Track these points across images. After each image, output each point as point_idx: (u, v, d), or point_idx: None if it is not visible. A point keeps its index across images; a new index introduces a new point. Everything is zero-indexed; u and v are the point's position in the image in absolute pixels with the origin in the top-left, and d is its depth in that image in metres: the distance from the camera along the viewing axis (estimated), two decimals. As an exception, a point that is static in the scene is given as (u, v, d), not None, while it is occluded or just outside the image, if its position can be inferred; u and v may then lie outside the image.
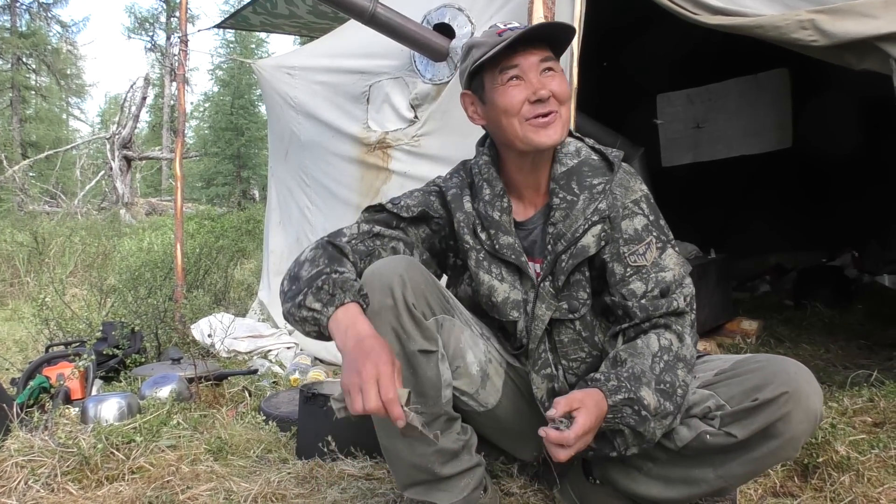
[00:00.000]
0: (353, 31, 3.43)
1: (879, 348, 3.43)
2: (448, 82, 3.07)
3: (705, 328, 3.58)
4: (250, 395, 2.72)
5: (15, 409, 2.25)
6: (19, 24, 20.82)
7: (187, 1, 4.05)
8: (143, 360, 3.13)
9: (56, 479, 1.82)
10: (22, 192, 13.76)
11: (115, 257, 6.46)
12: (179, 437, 2.15)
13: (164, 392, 2.49)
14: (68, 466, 1.86)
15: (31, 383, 2.55)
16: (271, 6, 4.02)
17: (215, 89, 24.73)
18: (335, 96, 3.53)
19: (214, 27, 5.20)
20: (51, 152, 16.64)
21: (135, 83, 14.66)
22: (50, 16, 21.59)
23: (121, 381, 2.91)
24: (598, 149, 1.57)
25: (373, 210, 1.58)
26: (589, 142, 1.59)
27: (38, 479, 1.82)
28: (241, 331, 3.51)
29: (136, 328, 3.23)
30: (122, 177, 13.85)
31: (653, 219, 1.52)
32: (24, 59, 20.80)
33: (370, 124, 3.39)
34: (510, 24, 1.48)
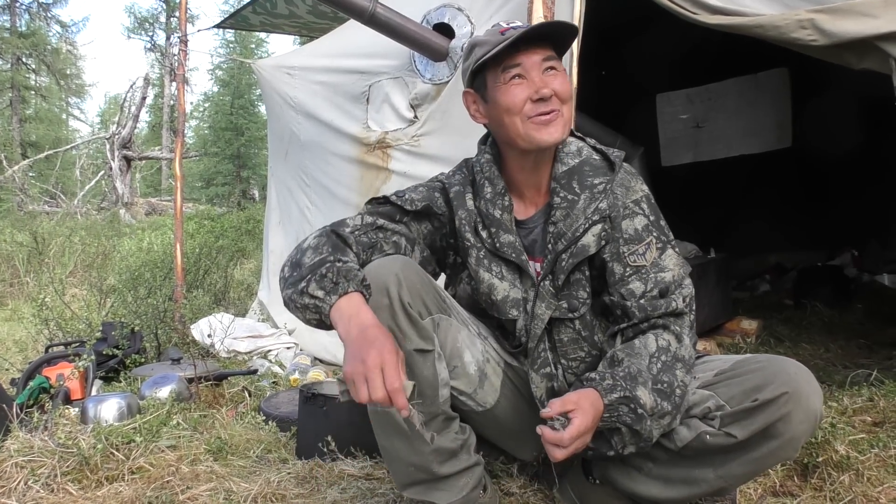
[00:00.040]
0: (352, 31, 3.43)
1: (879, 347, 3.43)
2: (448, 82, 3.07)
3: (705, 328, 3.58)
4: (250, 396, 2.72)
5: (15, 410, 2.25)
6: (19, 23, 20.81)
7: (187, 1, 4.05)
8: (142, 360, 3.13)
9: (56, 480, 1.82)
10: (22, 192, 13.77)
11: (114, 257, 6.46)
12: (179, 437, 2.15)
13: (164, 392, 2.49)
14: (68, 467, 1.86)
15: (31, 384, 2.55)
16: (271, 6, 4.02)
17: (215, 89, 24.74)
18: (335, 96, 3.53)
19: (214, 27, 5.20)
20: (50, 152, 16.64)
21: (134, 83, 14.68)
22: (49, 16, 21.59)
23: (120, 382, 2.92)
24: (600, 149, 1.57)
25: (376, 202, 1.57)
26: (590, 142, 1.59)
27: (37, 479, 1.82)
28: (240, 331, 3.51)
29: (136, 328, 3.23)
30: (122, 177, 13.86)
31: (653, 219, 1.52)
32: (24, 59, 20.79)
33: (370, 124, 3.39)
34: (513, 23, 1.48)
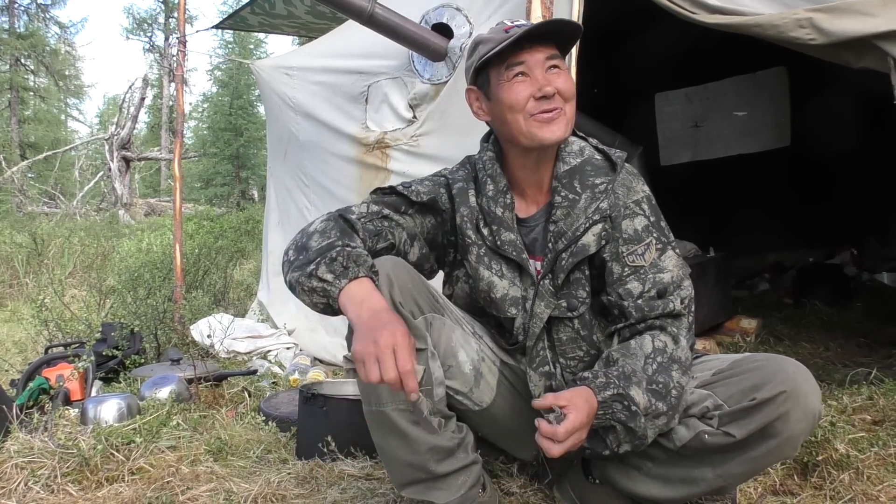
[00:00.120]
0: (351, 31, 3.43)
1: (879, 346, 3.43)
2: (447, 82, 3.07)
3: (704, 327, 3.58)
4: (250, 396, 2.72)
5: (14, 411, 2.25)
6: (17, 25, 20.79)
7: (185, 2, 4.05)
8: (142, 360, 3.13)
9: (56, 481, 1.82)
10: (21, 193, 13.76)
11: (114, 258, 6.45)
12: (179, 437, 2.15)
13: (164, 393, 2.49)
14: (68, 468, 1.86)
15: (31, 384, 2.55)
16: (269, 7, 4.02)
17: (214, 90, 24.74)
18: (334, 96, 3.53)
19: (213, 28, 5.22)
20: (49, 153, 16.64)
21: (133, 84, 14.70)
22: (48, 17, 21.57)
23: (120, 382, 2.91)
24: (602, 149, 1.57)
25: (382, 192, 1.57)
26: (592, 141, 1.59)
27: (37, 480, 1.82)
28: (240, 331, 3.51)
29: (136, 329, 3.23)
30: (121, 177, 13.86)
31: (654, 220, 1.51)
32: (23, 60, 20.78)
33: (369, 124, 3.39)
34: (517, 22, 1.49)
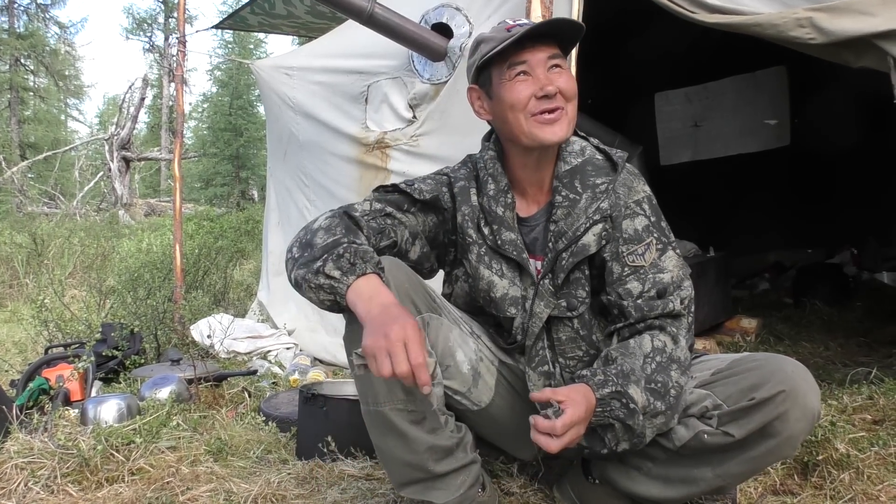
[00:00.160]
0: (351, 31, 3.43)
1: (879, 346, 3.44)
2: (446, 82, 3.07)
3: (704, 326, 3.58)
4: (250, 396, 2.72)
5: (14, 411, 2.25)
6: (17, 25, 20.79)
7: (185, 1, 4.05)
8: (142, 361, 3.13)
9: (56, 481, 1.82)
10: (21, 193, 13.76)
11: (114, 258, 6.45)
12: (179, 438, 2.15)
13: (164, 393, 2.49)
14: (68, 468, 1.86)
15: (31, 385, 2.55)
16: (269, 6, 4.03)
17: (214, 90, 24.73)
18: (333, 96, 3.53)
19: (212, 28, 5.22)
20: (49, 153, 16.64)
21: (133, 84, 14.71)
22: (48, 17, 21.56)
23: (120, 383, 2.92)
24: (603, 149, 1.57)
25: (384, 190, 1.57)
26: (594, 141, 1.59)
27: (37, 480, 1.82)
28: (240, 331, 3.51)
29: (136, 329, 3.23)
30: (121, 178, 13.86)
31: (654, 220, 1.51)
32: (23, 61, 20.78)
33: (368, 124, 3.39)
34: (519, 21, 1.49)
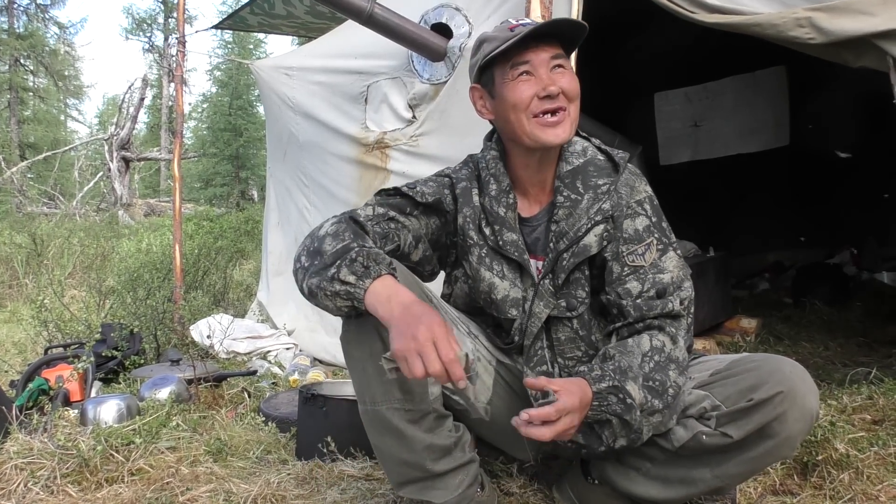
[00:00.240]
0: (350, 31, 3.43)
1: (878, 346, 3.44)
2: (446, 82, 3.07)
3: (704, 326, 3.58)
4: (249, 396, 2.72)
5: (14, 412, 2.25)
6: (17, 25, 20.78)
7: (185, 2, 4.05)
8: (142, 361, 3.13)
9: (55, 482, 1.82)
10: (20, 193, 13.76)
11: (113, 259, 6.45)
12: (179, 438, 2.15)
13: (164, 393, 2.49)
14: (68, 468, 1.86)
15: (31, 385, 2.55)
16: (269, 7, 4.03)
17: (213, 90, 24.70)
18: (333, 97, 3.53)
19: (212, 28, 5.22)
20: (49, 154, 16.62)
21: (133, 84, 14.70)
22: (47, 17, 21.55)
23: (120, 383, 2.92)
24: (605, 149, 1.57)
25: (386, 193, 1.56)
26: (595, 142, 1.59)
27: (37, 481, 1.82)
28: (240, 332, 3.51)
29: (135, 329, 3.23)
30: (121, 178, 13.86)
31: (655, 220, 1.51)
32: (22, 61, 20.77)
33: (368, 124, 3.39)
34: (522, 20, 1.49)
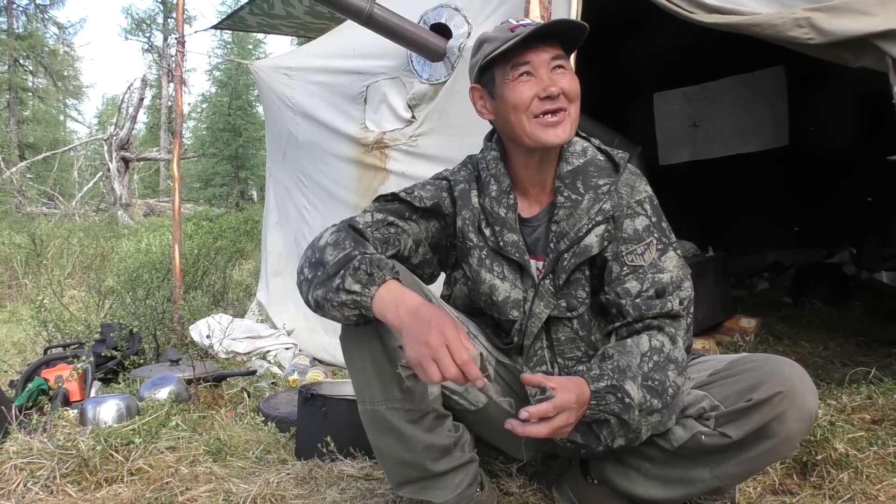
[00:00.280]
0: (350, 31, 3.43)
1: (878, 345, 3.44)
2: (445, 82, 3.07)
3: (704, 326, 3.58)
4: (249, 396, 2.72)
5: (14, 412, 2.25)
6: (16, 25, 20.78)
7: (184, 2, 4.05)
8: (141, 361, 3.13)
9: (55, 481, 1.82)
10: (20, 193, 13.76)
11: (113, 259, 6.46)
12: (178, 438, 2.15)
13: (163, 393, 2.49)
14: (67, 468, 1.86)
15: (30, 385, 2.55)
16: (268, 7, 4.02)
17: (213, 90, 24.73)
18: (332, 97, 3.53)
19: (211, 28, 5.22)
20: (48, 154, 16.63)
21: (132, 84, 14.69)
22: (47, 17, 21.56)
23: (119, 383, 2.92)
24: (605, 149, 1.58)
25: (384, 199, 1.56)
26: (595, 142, 1.59)
27: (37, 481, 1.82)
28: (239, 332, 3.51)
29: (135, 329, 3.23)
30: (120, 178, 13.86)
31: (655, 220, 1.52)
32: (21, 61, 20.76)
33: (367, 124, 3.39)
34: (522, 21, 1.49)
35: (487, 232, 1.56)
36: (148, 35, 26.52)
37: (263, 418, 2.38)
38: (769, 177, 5.50)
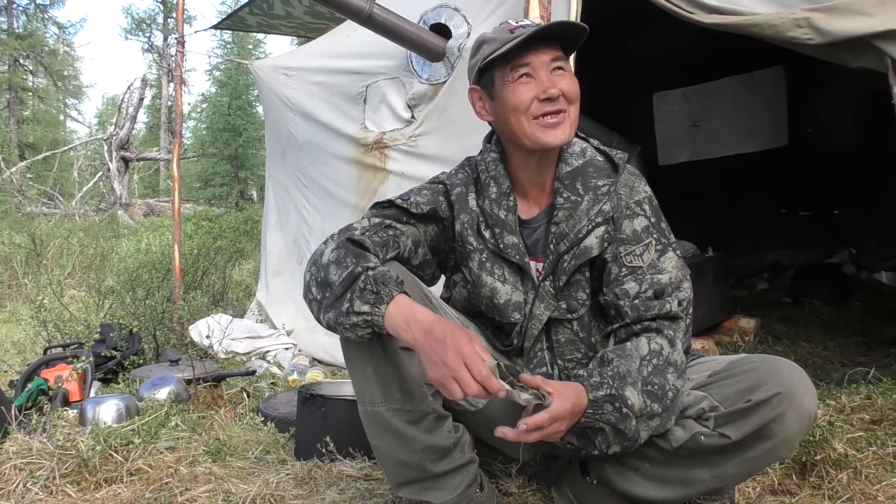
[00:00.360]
0: (349, 31, 3.43)
1: (877, 345, 3.44)
2: (445, 82, 3.07)
3: (703, 326, 3.58)
4: (248, 396, 2.72)
5: (13, 412, 2.25)
6: (16, 25, 20.78)
7: (184, 2, 4.05)
8: (141, 361, 3.13)
9: (54, 482, 1.82)
10: (19, 193, 13.76)
11: (113, 259, 6.45)
12: (178, 438, 2.14)
13: (163, 393, 2.49)
14: (67, 469, 1.86)
15: (30, 385, 2.55)
16: (268, 7, 4.03)
17: (213, 90, 24.76)
18: (332, 97, 3.53)
19: (211, 28, 5.22)
20: (48, 154, 16.63)
21: (132, 84, 14.69)
22: (47, 17, 21.56)
23: (119, 383, 2.91)
24: (603, 150, 1.57)
25: (381, 206, 1.56)
26: (594, 142, 1.59)
27: (36, 481, 1.82)
28: (239, 332, 3.51)
29: (135, 330, 3.23)
30: (120, 178, 13.86)
31: (654, 221, 1.51)
32: (21, 61, 20.76)
33: (367, 125, 3.39)
34: (522, 22, 1.49)
35: (487, 234, 1.55)
36: (148, 35, 26.55)
37: (263, 418, 2.37)
38: (768, 177, 5.50)
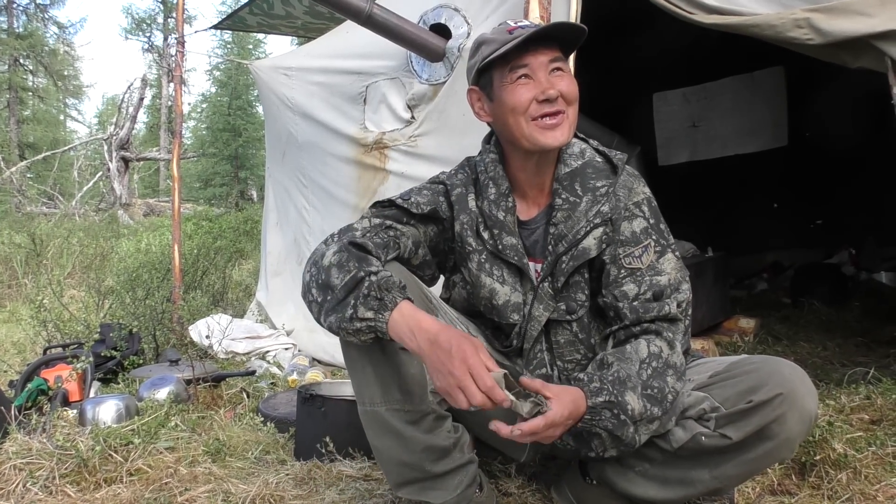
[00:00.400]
0: (349, 31, 3.43)
1: (877, 346, 3.44)
2: (445, 82, 3.07)
3: (703, 326, 3.58)
4: (248, 397, 2.72)
5: (13, 412, 2.25)
6: (16, 25, 20.78)
7: (184, 2, 4.05)
8: (140, 361, 3.13)
9: (54, 482, 1.82)
10: (19, 193, 13.76)
11: (112, 258, 6.46)
12: (177, 438, 2.14)
13: (162, 394, 2.49)
14: (66, 469, 1.86)
15: (29, 385, 2.55)
16: (268, 7, 4.03)
17: (213, 90, 24.74)
18: (332, 97, 3.54)
19: (211, 28, 5.22)
20: (48, 153, 16.63)
21: (132, 84, 14.69)
22: (47, 17, 21.55)
23: (119, 383, 2.91)
24: (602, 151, 1.57)
25: (381, 206, 1.56)
26: (593, 143, 1.59)
27: (36, 481, 1.82)
28: (238, 332, 3.51)
29: (134, 330, 3.23)
30: (120, 178, 13.86)
31: (653, 222, 1.51)
32: (21, 61, 20.76)
33: (367, 125, 3.40)
34: (520, 22, 1.48)
35: (486, 235, 1.55)
36: (148, 35, 26.55)
37: (262, 419, 2.37)
38: (768, 177, 5.50)
